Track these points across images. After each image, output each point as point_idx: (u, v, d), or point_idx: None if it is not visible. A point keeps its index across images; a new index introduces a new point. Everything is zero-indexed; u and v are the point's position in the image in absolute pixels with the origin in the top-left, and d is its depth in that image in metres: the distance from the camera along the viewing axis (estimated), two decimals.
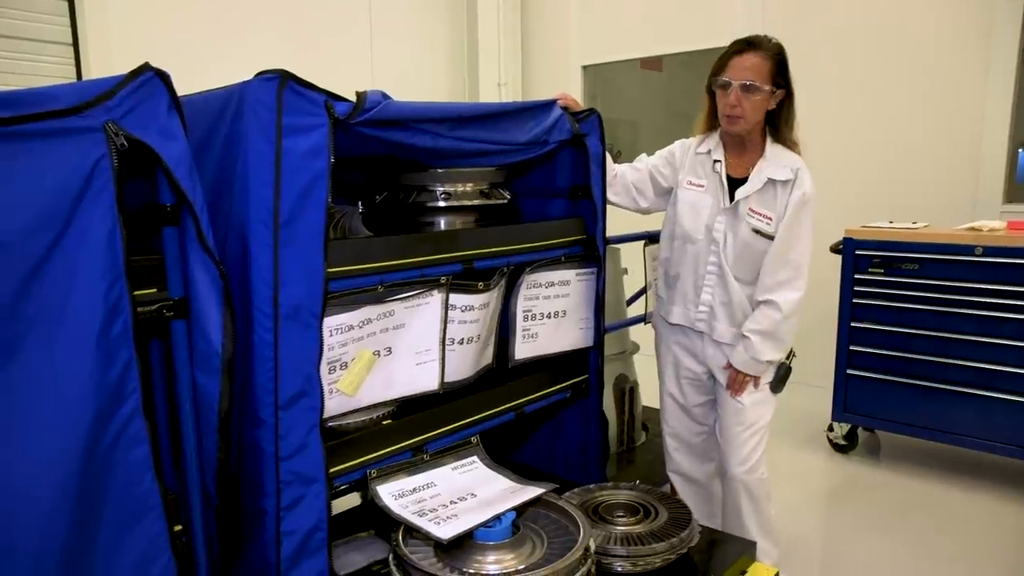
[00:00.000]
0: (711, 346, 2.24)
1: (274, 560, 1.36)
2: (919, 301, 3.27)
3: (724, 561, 1.81)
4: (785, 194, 2.08)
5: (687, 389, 2.34)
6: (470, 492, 1.66)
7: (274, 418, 1.33)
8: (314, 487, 1.39)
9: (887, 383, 3.36)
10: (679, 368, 2.33)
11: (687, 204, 2.19)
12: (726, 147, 2.17)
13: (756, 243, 2.10)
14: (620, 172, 2.29)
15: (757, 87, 2.02)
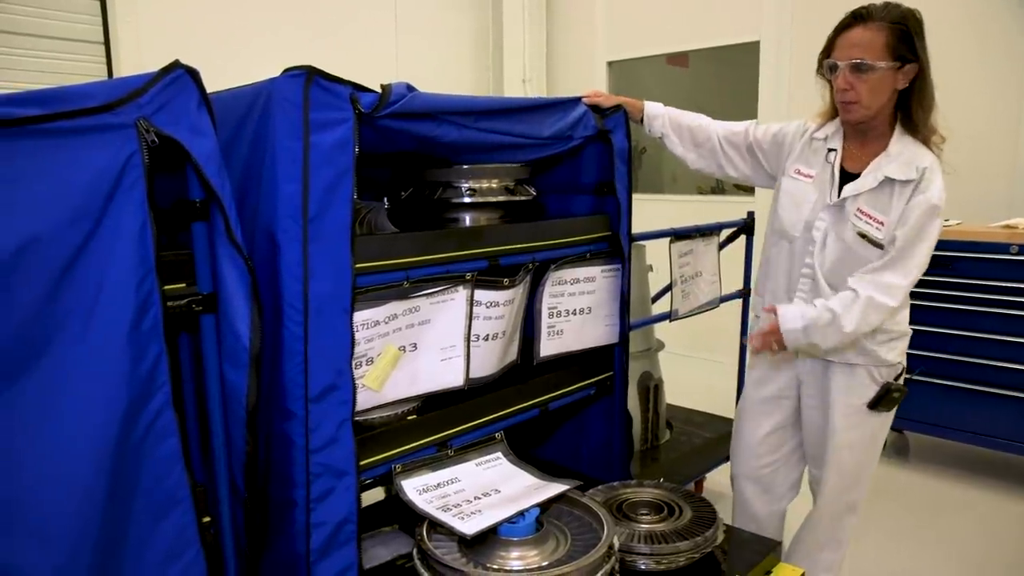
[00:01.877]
0: (806, 360, 2.01)
1: (303, 551, 1.38)
2: (950, 300, 3.22)
3: (749, 561, 1.80)
4: (904, 197, 1.77)
5: (764, 407, 2.12)
6: (494, 488, 1.66)
7: (304, 411, 1.35)
8: (345, 480, 1.41)
9: (917, 384, 3.32)
10: (763, 380, 2.12)
11: (788, 196, 1.95)
12: (846, 136, 1.90)
13: (860, 249, 1.81)
14: (712, 135, 2.10)
15: (870, 65, 1.73)
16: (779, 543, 1.91)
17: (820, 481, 2.07)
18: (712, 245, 2.70)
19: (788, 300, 1.98)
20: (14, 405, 1.04)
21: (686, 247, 2.58)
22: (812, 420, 2.05)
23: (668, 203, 5.29)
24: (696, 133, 2.13)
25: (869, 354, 1.91)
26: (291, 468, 1.37)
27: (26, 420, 1.05)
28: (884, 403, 1.91)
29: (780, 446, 2.13)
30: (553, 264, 1.90)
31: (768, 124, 2.09)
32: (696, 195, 5.66)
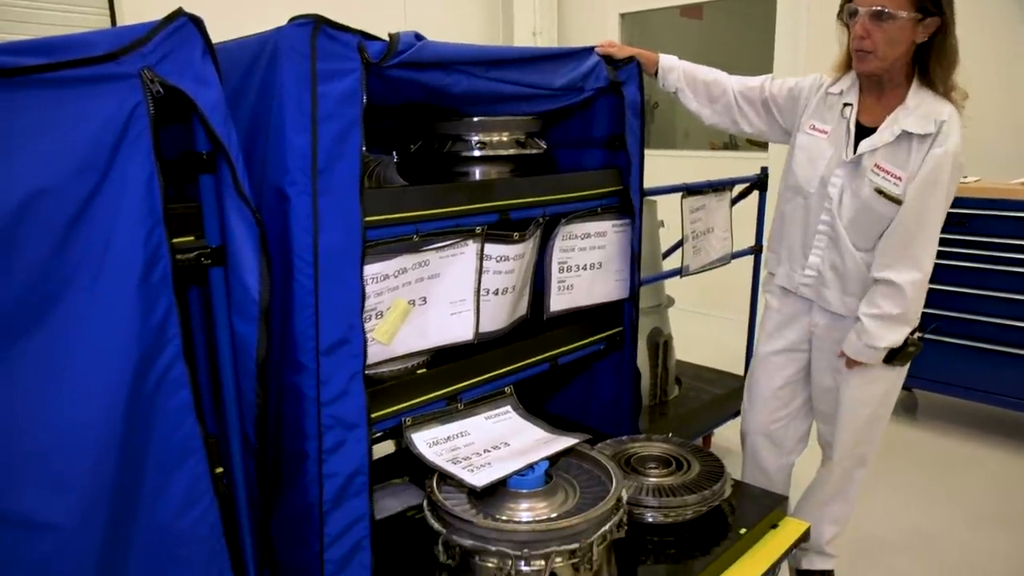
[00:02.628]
0: (820, 315, 2.00)
1: (316, 501, 1.39)
2: (963, 258, 3.19)
3: (755, 514, 1.82)
4: (922, 151, 1.74)
5: (776, 361, 2.12)
6: (503, 441, 1.67)
7: (315, 363, 1.35)
8: (356, 432, 1.41)
9: (927, 342, 3.30)
10: (773, 335, 2.12)
11: (803, 152, 1.92)
12: (862, 89, 1.87)
13: (878, 206, 1.79)
14: (727, 89, 2.06)
15: (891, 14, 1.68)
16: (785, 498, 1.92)
17: (831, 436, 2.07)
18: (724, 201, 2.67)
19: (804, 257, 1.97)
20: (27, 359, 1.05)
21: (698, 203, 2.55)
22: (823, 375, 2.04)
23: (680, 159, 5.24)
24: (711, 88, 2.09)
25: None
26: (303, 420, 1.38)
27: (40, 373, 1.06)
28: (899, 357, 1.90)
29: (791, 400, 2.13)
30: (564, 218, 1.89)
31: (784, 79, 2.05)
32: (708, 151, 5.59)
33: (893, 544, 2.51)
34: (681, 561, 1.65)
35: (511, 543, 1.39)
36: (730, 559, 1.69)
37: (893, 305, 1.80)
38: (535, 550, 1.38)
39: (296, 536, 1.43)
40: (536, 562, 1.39)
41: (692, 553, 1.67)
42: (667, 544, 1.71)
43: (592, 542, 1.42)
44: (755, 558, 1.73)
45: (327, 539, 1.40)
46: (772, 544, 1.78)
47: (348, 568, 1.44)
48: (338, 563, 1.42)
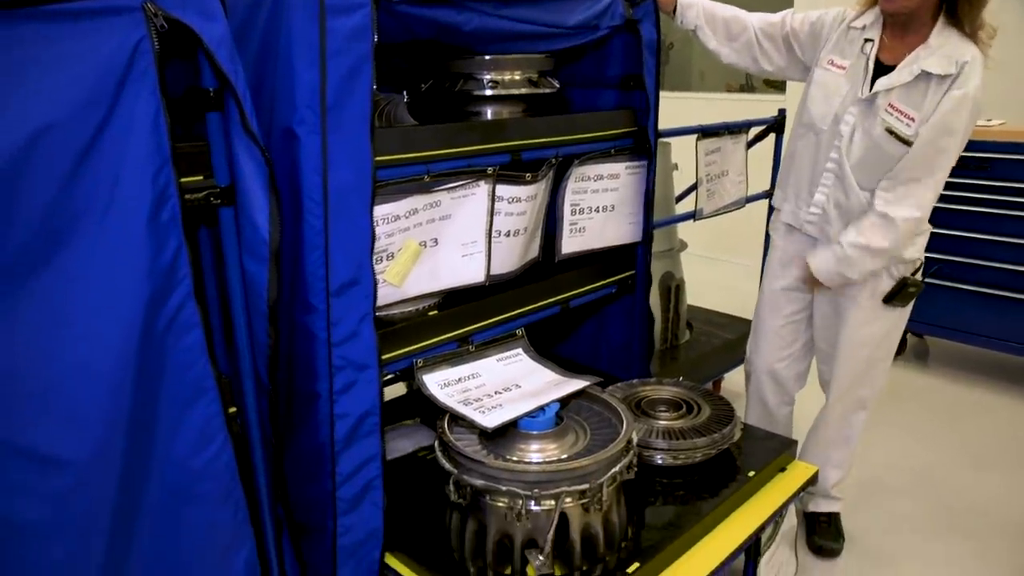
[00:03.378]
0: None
1: (327, 441, 1.40)
2: (982, 204, 3.13)
3: (764, 458, 1.82)
4: (939, 92, 1.70)
5: (780, 299, 2.12)
6: (515, 383, 1.68)
7: (325, 304, 1.35)
8: (367, 373, 1.42)
9: (940, 288, 3.27)
10: (778, 272, 2.12)
11: (819, 87, 1.88)
12: (885, 26, 1.81)
13: (887, 146, 1.77)
14: (748, 26, 2.01)
15: None
16: (794, 442, 1.92)
17: (831, 377, 2.08)
18: (740, 143, 2.62)
19: (810, 195, 1.96)
20: (37, 297, 1.04)
21: (713, 145, 2.51)
22: (825, 315, 2.04)
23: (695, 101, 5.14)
24: (731, 25, 2.04)
25: None
26: (314, 361, 1.38)
27: (50, 311, 1.05)
28: (899, 298, 1.89)
29: (794, 340, 2.14)
30: (576, 160, 1.86)
31: (806, 12, 1.99)
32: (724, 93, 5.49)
33: (899, 488, 2.53)
34: (690, 502, 1.67)
35: (521, 483, 1.40)
36: (738, 501, 1.71)
37: (882, 238, 1.79)
38: (545, 490, 1.39)
39: (309, 475, 1.45)
40: (546, 502, 1.41)
41: (701, 495, 1.69)
42: (676, 486, 1.73)
43: (602, 483, 1.43)
44: (763, 501, 1.74)
45: (339, 478, 1.42)
46: (780, 487, 1.79)
47: (360, 506, 1.46)
48: (350, 501, 1.44)
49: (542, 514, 1.41)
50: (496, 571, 1.45)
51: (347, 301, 1.37)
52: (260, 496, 1.41)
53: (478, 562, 1.47)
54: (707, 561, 1.54)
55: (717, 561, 1.54)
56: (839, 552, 2.18)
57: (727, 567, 1.57)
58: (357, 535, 1.46)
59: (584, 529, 1.45)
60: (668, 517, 1.62)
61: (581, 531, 1.44)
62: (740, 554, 1.64)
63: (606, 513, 1.48)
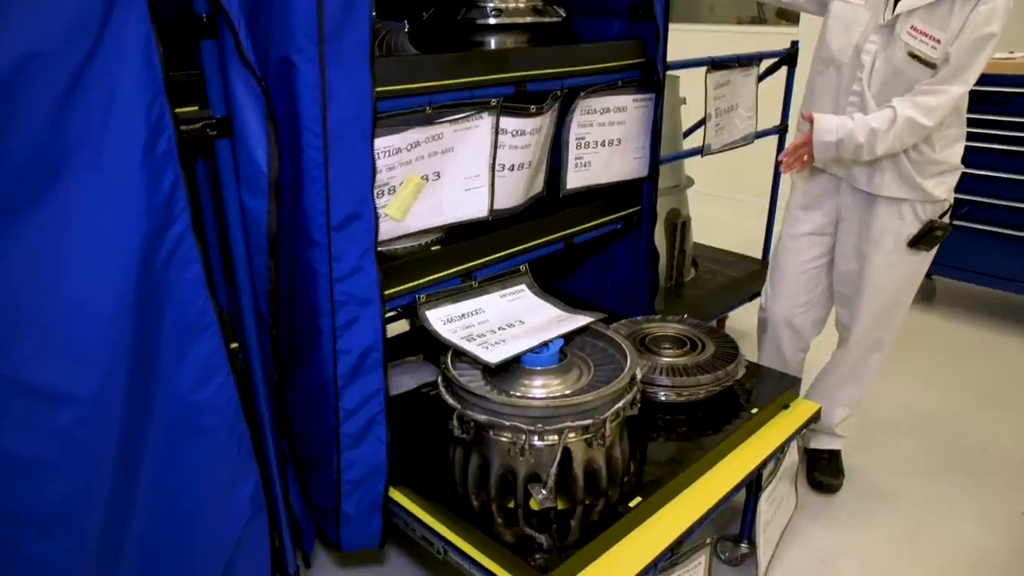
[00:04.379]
0: (848, 194, 1.95)
1: (331, 377, 1.41)
2: (996, 140, 3.06)
3: (768, 395, 1.83)
4: (964, 11, 1.64)
5: (801, 244, 2.08)
6: (518, 319, 1.67)
7: (327, 239, 1.33)
8: (369, 308, 1.41)
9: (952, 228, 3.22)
10: (800, 216, 2.07)
11: (838, 20, 1.83)
12: None
13: (910, 71, 1.72)
14: None
15: None
16: (798, 379, 1.93)
17: (850, 320, 2.06)
18: (751, 77, 2.56)
19: None
20: (33, 231, 1.03)
21: (723, 78, 2.45)
22: (848, 258, 2.01)
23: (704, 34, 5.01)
24: None
25: (917, 189, 1.84)
26: (316, 297, 1.37)
27: (47, 246, 1.04)
28: (925, 241, 1.87)
29: (815, 286, 2.12)
30: (582, 92, 1.81)
31: None
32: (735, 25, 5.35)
33: (900, 427, 2.55)
34: (692, 439, 1.68)
35: (525, 418, 1.41)
36: (741, 437, 1.72)
37: (880, 122, 1.72)
38: (549, 425, 1.40)
39: (312, 411, 1.46)
40: (549, 437, 1.42)
41: (703, 431, 1.70)
42: (679, 423, 1.74)
43: (605, 419, 1.44)
44: (765, 437, 1.75)
45: (342, 413, 1.43)
46: (783, 424, 1.80)
47: (364, 441, 1.47)
48: (354, 436, 1.45)
49: (545, 449, 1.42)
50: (499, 504, 1.47)
51: (348, 236, 1.35)
52: (264, 430, 1.42)
53: (481, 496, 1.49)
54: (708, 496, 1.56)
55: (718, 496, 1.56)
56: (838, 488, 2.21)
57: (728, 501, 1.59)
58: (361, 470, 1.48)
59: (587, 464, 1.46)
60: (671, 453, 1.63)
61: (584, 466, 1.46)
62: (741, 489, 1.65)
63: (609, 448, 1.49)
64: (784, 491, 1.89)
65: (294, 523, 1.58)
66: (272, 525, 1.45)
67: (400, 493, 1.56)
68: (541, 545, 1.36)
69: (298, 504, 1.56)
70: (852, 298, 2.03)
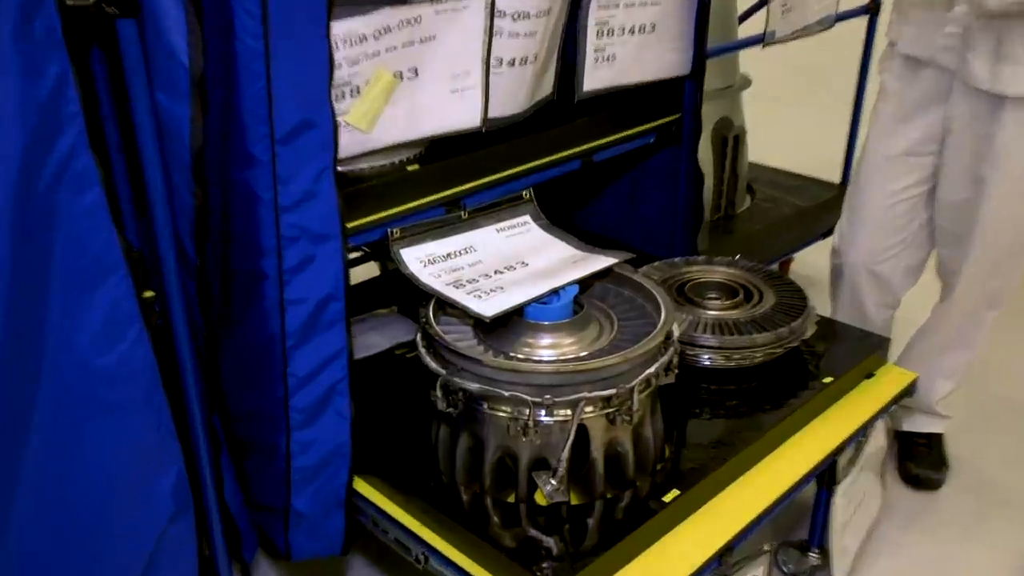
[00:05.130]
0: (961, 98, 1.93)
1: (277, 334, 1.40)
2: None
3: (846, 360, 1.83)
4: None
5: (895, 167, 2.07)
6: (520, 260, 1.68)
7: (270, 155, 1.31)
8: (327, 246, 1.40)
9: None
10: (893, 130, 2.06)
11: None
12: None
13: None
14: None
15: None
16: (886, 339, 1.93)
17: (958, 266, 2.05)
18: None
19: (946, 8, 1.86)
20: None
21: None
22: (958, 184, 1.99)
23: None
24: None
25: None
26: (257, 231, 1.36)
27: None
28: None
29: (908, 222, 2.10)
30: None
31: None
32: None
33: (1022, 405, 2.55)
34: (746, 415, 1.69)
35: (529, 387, 1.40)
36: (808, 415, 1.72)
37: None
38: (560, 396, 1.40)
39: (254, 379, 1.46)
40: (561, 411, 1.42)
41: (760, 406, 1.71)
42: (728, 394, 1.75)
43: (632, 388, 1.43)
44: (842, 414, 1.76)
45: (293, 382, 1.42)
46: (865, 398, 1.81)
47: (322, 418, 1.47)
48: (308, 411, 1.45)
49: (555, 427, 1.42)
50: (495, 498, 1.48)
51: (299, 151, 1.33)
52: (190, 406, 1.43)
53: (473, 487, 1.50)
54: (767, 489, 1.56)
55: (780, 490, 1.56)
56: (940, 484, 2.22)
57: (793, 497, 1.60)
58: (317, 455, 1.48)
59: (609, 446, 1.47)
60: (717, 433, 1.64)
61: (605, 448, 1.46)
62: (811, 482, 1.66)
63: (637, 427, 1.49)
64: (867, 485, 1.91)
65: (229, 525, 1.59)
66: (201, 527, 1.46)
67: (368, 485, 1.57)
68: (549, 551, 1.37)
69: (235, 500, 1.58)
70: (961, 237, 2.02)
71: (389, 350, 1.93)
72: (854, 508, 1.86)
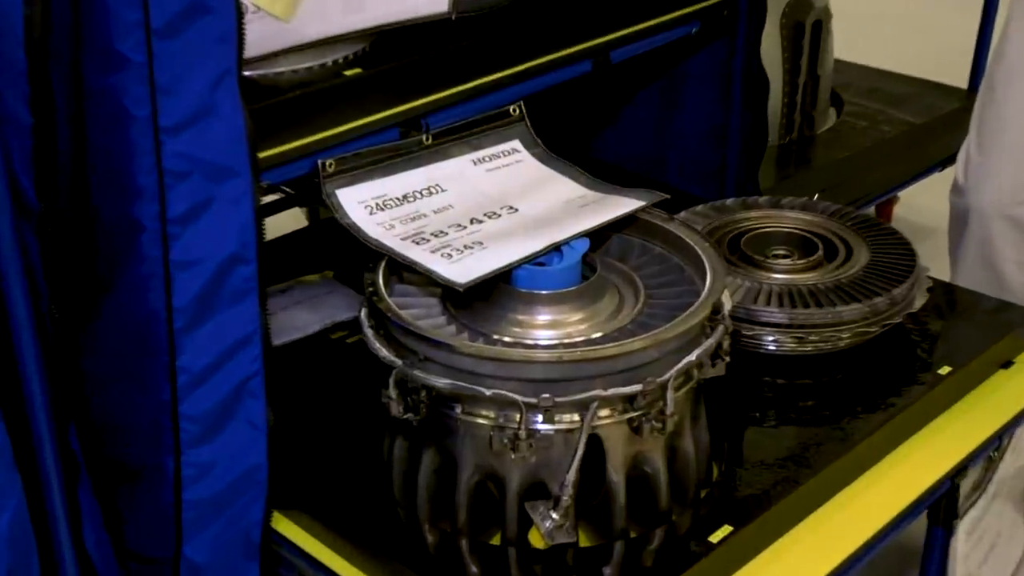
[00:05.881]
0: None
1: (160, 310, 1.39)
2: None
3: (971, 343, 1.83)
4: None
5: None
6: (507, 205, 1.68)
7: (145, 52, 1.30)
8: (230, 185, 1.40)
9: None
10: None
11: None
12: None
13: None
14: None
15: None
16: None
17: None
18: None
19: None
20: None
21: None
22: None
23: None
24: None
25: None
26: (128, 163, 1.35)
27: None
28: None
29: None
30: None
31: None
32: None
33: None
34: (827, 422, 1.69)
35: (521, 383, 1.40)
36: (917, 421, 1.73)
37: None
38: (564, 394, 1.40)
39: (129, 376, 1.46)
40: (565, 416, 1.42)
41: (848, 408, 1.71)
42: (802, 391, 1.77)
43: (666, 383, 1.43)
44: (965, 421, 1.76)
45: (184, 379, 1.42)
46: (999, 396, 1.82)
47: (226, 430, 1.47)
48: (206, 421, 1.45)
49: (557, 438, 1.43)
50: (473, 540, 1.49)
51: (186, 47, 1.32)
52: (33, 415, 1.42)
53: (441, 524, 1.51)
54: (855, 527, 1.57)
55: (874, 527, 1.57)
56: None
57: (892, 537, 1.61)
58: (219, 482, 1.48)
59: (633, 465, 1.47)
60: (786, 446, 1.64)
61: (627, 469, 1.47)
62: (918, 515, 1.67)
63: (672, 437, 1.50)
64: (1002, 520, 1.91)
65: None
66: None
67: (293, 524, 1.58)
68: None
69: (100, 548, 1.57)
70: None
71: (322, 333, 1.93)
72: (984, 552, 1.87)
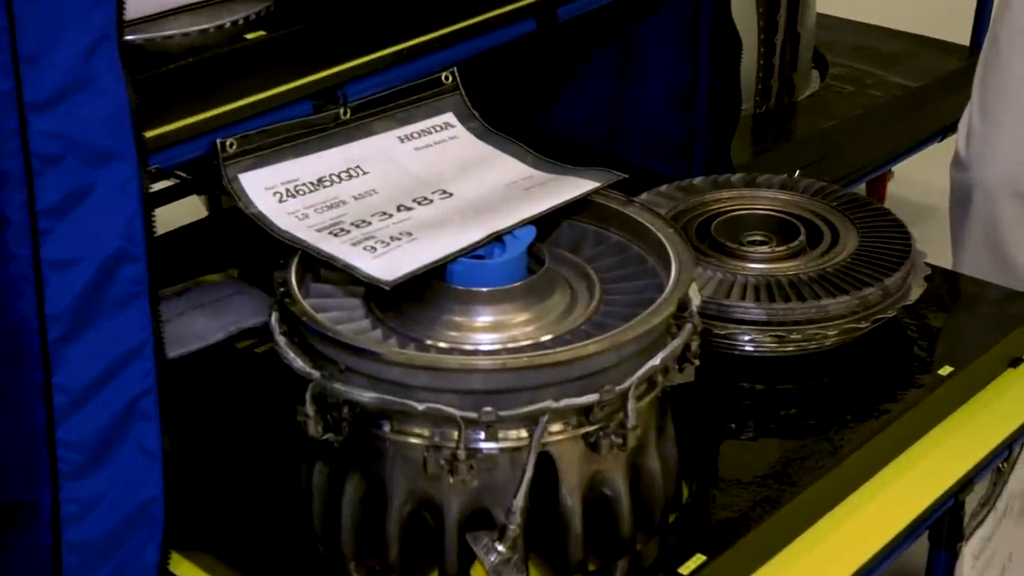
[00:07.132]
0: None
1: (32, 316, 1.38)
2: None
3: (975, 339, 1.85)
4: None
5: None
6: (439, 188, 1.69)
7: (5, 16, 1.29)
8: (110, 171, 1.39)
9: None
10: None
11: None
12: None
13: None
14: None
15: None
16: None
17: None
18: None
19: None
20: None
21: None
22: None
23: None
24: None
25: None
26: None
27: None
28: None
29: None
30: None
31: None
32: None
33: None
34: (811, 432, 1.70)
35: (459, 394, 1.41)
36: (914, 429, 1.75)
37: None
38: (509, 407, 1.40)
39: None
40: (511, 432, 1.42)
41: (835, 417, 1.73)
42: (783, 398, 1.78)
43: (626, 392, 1.44)
44: (969, 429, 1.78)
45: (61, 399, 1.40)
46: (1008, 400, 1.84)
47: (113, 458, 1.46)
48: (89, 449, 1.44)
49: (502, 458, 1.43)
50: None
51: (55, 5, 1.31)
52: None
53: (369, 561, 1.51)
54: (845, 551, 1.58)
55: (868, 552, 1.58)
56: None
57: (889, 562, 1.62)
58: (106, 520, 1.48)
59: (590, 487, 1.48)
60: (766, 462, 1.66)
61: (584, 491, 1.47)
62: (918, 536, 1.69)
63: (635, 455, 1.51)
64: (1014, 539, 1.93)
65: None
66: None
67: (196, 567, 1.58)
68: None
69: None
70: None
71: (226, 341, 1.93)
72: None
